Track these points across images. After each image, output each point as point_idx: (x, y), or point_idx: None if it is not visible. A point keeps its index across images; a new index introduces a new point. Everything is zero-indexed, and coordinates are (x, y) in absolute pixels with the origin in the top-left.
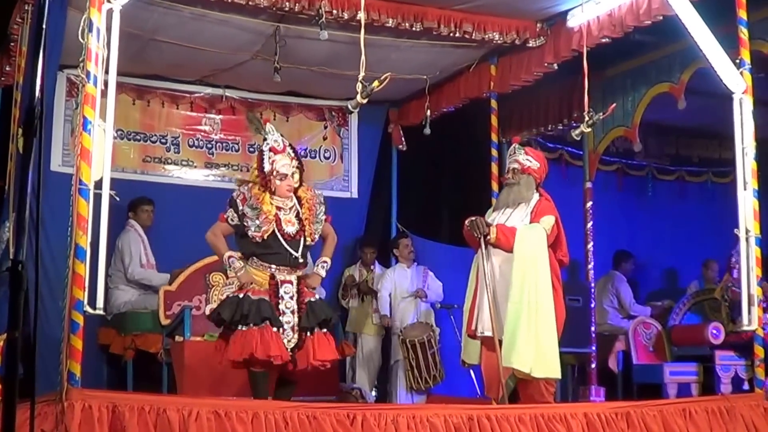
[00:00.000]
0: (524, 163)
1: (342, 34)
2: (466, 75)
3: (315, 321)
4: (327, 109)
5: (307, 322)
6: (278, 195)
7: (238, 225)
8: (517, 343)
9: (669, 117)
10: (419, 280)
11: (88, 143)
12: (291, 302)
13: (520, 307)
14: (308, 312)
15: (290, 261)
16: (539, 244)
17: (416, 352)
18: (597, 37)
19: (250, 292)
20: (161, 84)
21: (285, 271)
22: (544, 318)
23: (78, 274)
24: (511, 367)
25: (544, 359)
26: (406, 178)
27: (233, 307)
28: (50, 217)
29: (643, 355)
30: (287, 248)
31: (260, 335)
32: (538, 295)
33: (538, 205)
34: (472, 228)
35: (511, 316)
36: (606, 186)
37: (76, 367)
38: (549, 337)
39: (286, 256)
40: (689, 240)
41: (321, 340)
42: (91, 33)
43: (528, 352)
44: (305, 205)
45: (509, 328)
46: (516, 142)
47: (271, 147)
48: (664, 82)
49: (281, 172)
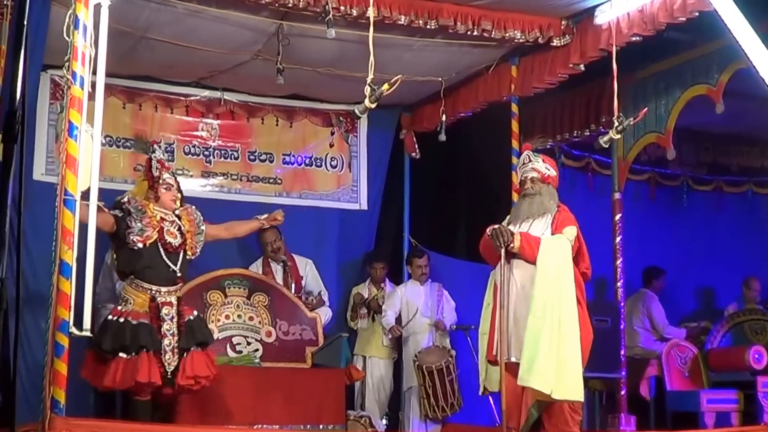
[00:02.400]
0: (544, 172)
1: (350, 32)
2: (485, 77)
3: (193, 341)
4: (334, 113)
5: (185, 343)
6: (162, 205)
7: (120, 224)
8: (538, 361)
9: (706, 122)
10: (433, 299)
11: (74, 150)
12: (171, 324)
13: (542, 322)
14: (187, 332)
15: (168, 275)
16: (564, 256)
17: (433, 379)
18: (627, 36)
19: (131, 316)
20: (154, 86)
21: (165, 293)
22: (567, 335)
23: (63, 293)
24: (529, 387)
25: (567, 380)
26: (419, 189)
27: (113, 337)
28: (33, 230)
29: (678, 381)
30: (166, 261)
31: (134, 364)
32: (561, 309)
33: (557, 215)
34: (494, 236)
35: (532, 332)
36: (637, 197)
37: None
38: (572, 356)
39: (165, 271)
40: (728, 256)
41: (196, 357)
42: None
43: (549, 371)
44: (185, 218)
45: (529, 344)
46: (528, 149)
47: (159, 159)
48: (701, 84)
49: (167, 181)
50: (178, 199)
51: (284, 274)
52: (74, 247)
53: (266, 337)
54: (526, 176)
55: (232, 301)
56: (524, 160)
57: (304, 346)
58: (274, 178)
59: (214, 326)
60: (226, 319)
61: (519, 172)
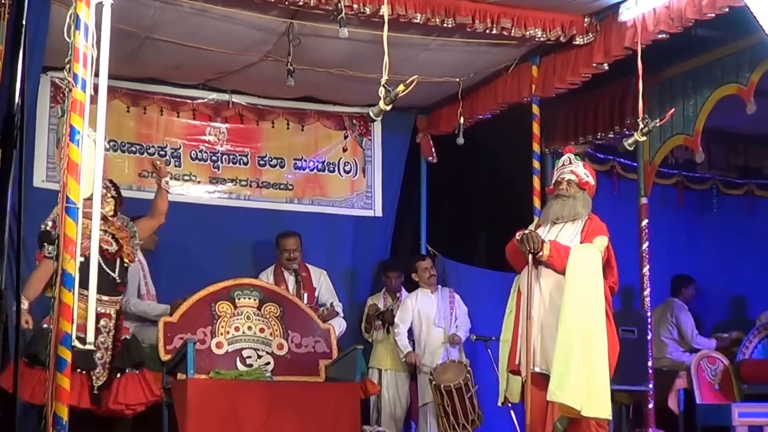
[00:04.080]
0: (582, 177)
1: (364, 31)
2: (504, 77)
3: (129, 362)
4: (347, 116)
5: (120, 363)
6: None
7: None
8: (570, 376)
9: (736, 123)
10: (446, 307)
11: (76, 156)
12: (107, 338)
13: (573, 335)
14: (123, 351)
15: (108, 282)
16: (594, 267)
17: (452, 398)
18: (653, 33)
19: None
20: (159, 88)
21: (105, 303)
22: (597, 350)
23: (65, 304)
24: (560, 402)
25: (596, 397)
26: (436, 194)
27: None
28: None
29: (708, 394)
30: (105, 268)
31: None
32: (592, 323)
33: (588, 222)
34: (524, 242)
35: (563, 345)
36: (664, 202)
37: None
38: (602, 372)
39: (105, 277)
40: (760, 263)
41: (131, 381)
42: (78, 30)
43: (580, 387)
44: (116, 225)
45: (560, 358)
46: (570, 152)
47: None
48: (731, 84)
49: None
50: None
51: (296, 284)
52: (77, 258)
53: (278, 350)
54: (563, 177)
55: (242, 312)
56: (564, 162)
57: (317, 359)
58: (285, 184)
59: (223, 339)
60: (236, 331)
61: (556, 172)
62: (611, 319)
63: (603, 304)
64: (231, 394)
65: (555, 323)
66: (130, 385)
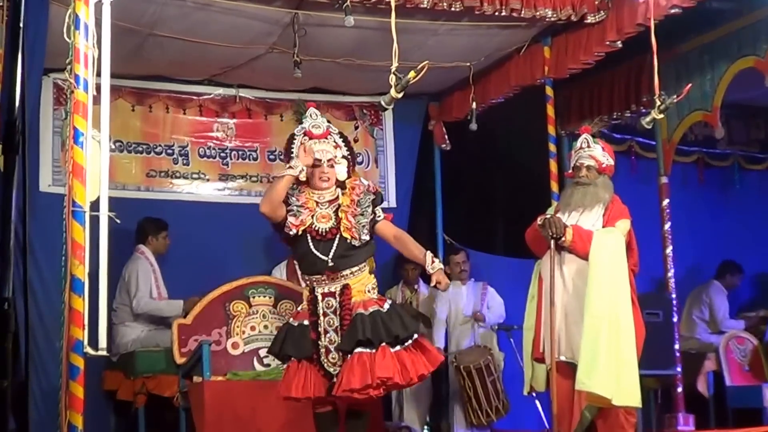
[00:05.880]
0: (602, 161)
1: (370, 18)
2: (516, 60)
3: (351, 343)
4: (357, 106)
5: (345, 345)
6: (312, 186)
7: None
8: (599, 364)
9: (755, 96)
10: (477, 299)
11: (81, 158)
12: (335, 318)
13: (599, 322)
14: (349, 330)
15: (320, 267)
16: (618, 251)
17: (473, 380)
18: (666, 8)
19: (297, 317)
20: (164, 86)
21: (324, 283)
22: (625, 336)
23: (76, 310)
24: (590, 392)
25: (626, 385)
26: (451, 182)
27: (277, 342)
28: (41, 245)
29: (738, 376)
30: (314, 251)
31: (293, 372)
32: (618, 309)
33: (611, 206)
34: (546, 227)
35: (590, 333)
36: (684, 180)
37: (78, 419)
38: (630, 359)
39: (315, 261)
40: None
41: (359, 362)
42: (78, 30)
43: (610, 375)
44: (348, 195)
45: (588, 345)
46: (586, 132)
47: (306, 131)
48: (749, 56)
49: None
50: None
51: None
52: (86, 262)
53: None
54: (582, 163)
55: (258, 310)
56: (582, 144)
57: None
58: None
59: (239, 339)
60: (252, 331)
61: (574, 155)
62: (636, 304)
63: (628, 289)
64: (249, 396)
65: (579, 310)
66: (357, 367)
